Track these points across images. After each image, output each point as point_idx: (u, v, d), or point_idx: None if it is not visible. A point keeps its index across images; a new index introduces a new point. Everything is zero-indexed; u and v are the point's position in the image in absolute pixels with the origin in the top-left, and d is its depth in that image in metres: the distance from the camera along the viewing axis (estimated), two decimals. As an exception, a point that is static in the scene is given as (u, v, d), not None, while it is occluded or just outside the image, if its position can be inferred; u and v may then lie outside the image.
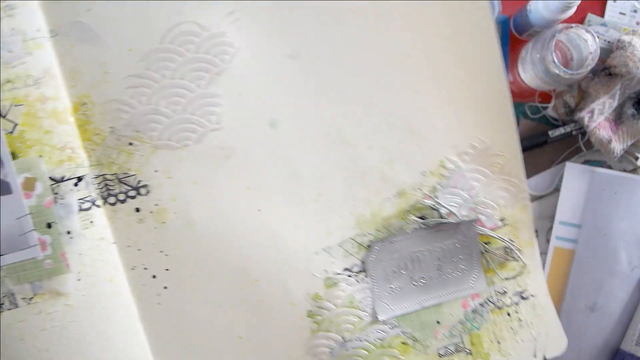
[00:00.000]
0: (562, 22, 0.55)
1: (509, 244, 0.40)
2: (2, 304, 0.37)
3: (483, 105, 0.39)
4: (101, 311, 0.38)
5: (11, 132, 0.36)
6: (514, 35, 0.57)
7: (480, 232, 0.40)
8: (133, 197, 0.38)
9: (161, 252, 0.38)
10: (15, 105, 0.36)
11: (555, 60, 0.47)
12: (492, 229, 0.40)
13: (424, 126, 0.39)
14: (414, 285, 0.40)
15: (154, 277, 0.38)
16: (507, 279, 0.41)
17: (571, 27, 0.54)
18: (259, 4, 0.37)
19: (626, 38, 0.56)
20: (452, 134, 0.39)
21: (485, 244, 0.40)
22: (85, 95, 0.37)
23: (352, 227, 0.39)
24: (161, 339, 0.39)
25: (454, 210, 0.39)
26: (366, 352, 0.39)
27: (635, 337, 0.55)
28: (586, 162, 0.55)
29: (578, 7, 0.53)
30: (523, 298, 0.41)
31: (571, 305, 0.48)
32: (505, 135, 0.39)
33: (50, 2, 0.36)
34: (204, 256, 0.38)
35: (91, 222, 0.37)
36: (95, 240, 0.37)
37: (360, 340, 0.39)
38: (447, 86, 0.39)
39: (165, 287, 0.39)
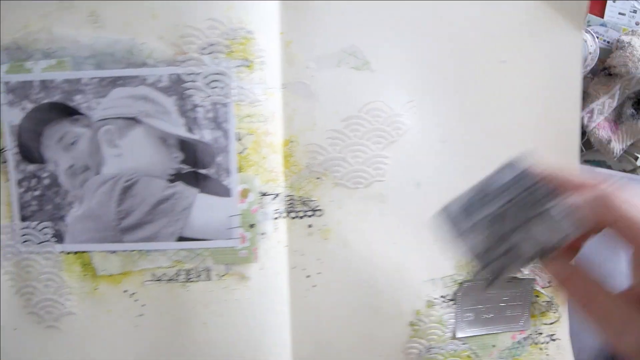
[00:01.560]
0: (561, 22, 0.57)
1: (551, 300, 0.56)
2: (200, 275, 0.49)
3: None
4: (267, 294, 0.50)
5: (241, 153, 0.48)
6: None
7: (535, 288, 0.56)
8: (309, 216, 0.51)
9: (318, 259, 0.51)
10: (248, 134, 0.48)
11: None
12: (542, 287, 0.56)
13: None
14: (484, 317, 0.55)
15: (308, 276, 0.52)
16: (544, 324, 0.57)
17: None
18: (428, 100, 0.52)
19: (625, 38, 0.53)
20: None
21: (536, 297, 0.56)
22: (294, 135, 0.50)
23: (453, 268, 0.54)
24: (301, 322, 0.52)
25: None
26: (442, 358, 0.54)
27: None
28: (586, 162, 0.53)
29: None
30: (552, 340, 0.57)
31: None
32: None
33: (287, 65, 0.49)
34: (349, 268, 0.52)
35: (276, 228, 0.50)
36: (275, 241, 0.50)
37: (440, 349, 0.54)
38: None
39: (314, 286, 0.52)
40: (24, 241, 0.49)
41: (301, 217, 0.51)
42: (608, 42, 0.58)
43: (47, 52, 0.48)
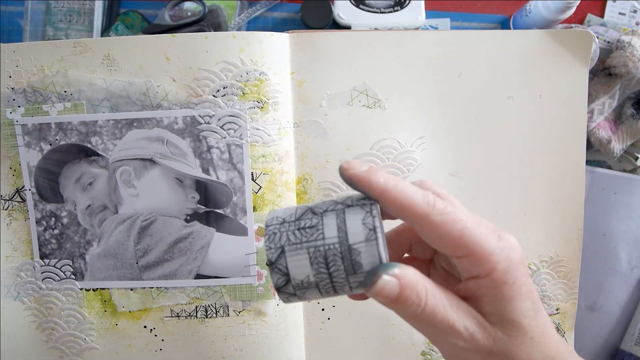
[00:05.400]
0: (561, 22, 0.54)
1: (557, 326, 0.56)
2: (218, 311, 0.49)
3: (565, 235, 0.55)
4: (284, 328, 0.50)
5: (256, 192, 0.48)
6: (513, 36, 0.61)
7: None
8: (324, 251, 0.51)
9: (333, 293, 0.51)
10: (263, 174, 0.48)
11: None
12: (550, 315, 0.56)
13: (523, 239, 0.54)
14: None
15: (323, 309, 0.51)
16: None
17: (571, 27, 0.52)
18: (437, 136, 0.51)
19: (626, 38, 0.52)
20: (540, 247, 0.54)
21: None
22: (308, 173, 0.50)
23: (464, 298, 0.54)
24: (316, 354, 0.52)
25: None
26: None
27: (635, 336, 0.52)
28: (586, 162, 0.52)
29: (578, 7, 0.52)
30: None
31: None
32: (573, 256, 0.55)
33: (299, 104, 0.49)
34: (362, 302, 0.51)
35: (291, 263, 0.50)
36: (291, 277, 0.50)
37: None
38: (542, 216, 0.54)
39: (329, 319, 0.51)
40: (44, 278, 0.49)
41: (315, 253, 0.50)
42: (608, 42, 0.57)
43: (63, 95, 0.47)
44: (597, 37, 0.53)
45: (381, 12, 0.56)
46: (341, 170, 0.27)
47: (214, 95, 0.46)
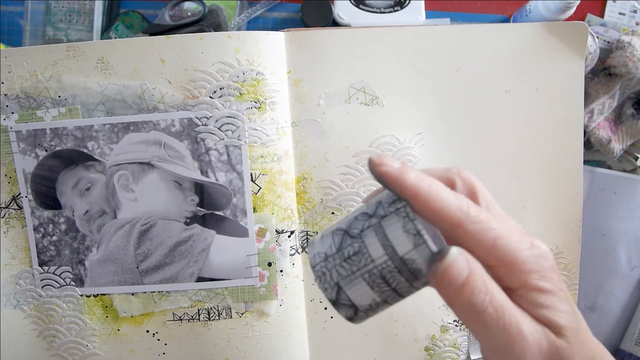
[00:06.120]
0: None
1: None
2: (220, 313, 0.49)
3: (564, 226, 0.55)
4: (287, 328, 0.50)
5: (256, 193, 0.47)
6: (513, 36, 0.60)
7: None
8: (325, 250, 0.50)
9: (335, 291, 0.51)
10: (263, 174, 0.47)
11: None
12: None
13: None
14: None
15: (326, 308, 0.51)
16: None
17: (570, 27, 0.50)
18: (436, 131, 0.51)
19: (626, 38, 0.52)
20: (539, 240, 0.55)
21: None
22: (307, 172, 0.49)
23: (466, 292, 0.54)
24: (320, 353, 0.52)
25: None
26: (457, 380, 0.54)
27: (635, 337, 0.52)
28: (586, 162, 0.51)
29: (578, 7, 0.52)
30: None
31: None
32: (573, 248, 0.55)
33: (297, 103, 0.48)
34: (364, 299, 0.51)
35: (293, 264, 0.49)
36: (293, 277, 0.50)
37: (454, 371, 0.54)
38: (542, 209, 0.54)
39: (332, 317, 0.51)
40: (44, 286, 0.49)
41: (316, 252, 0.50)
42: (608, 42, 0.57)
43: (57, 100, 0.46)
44: (597, 37, 0.52)
45: (381, 12, 0.55)
46: (371, 165, 0.25)
47: (210, 97, 0.46)
